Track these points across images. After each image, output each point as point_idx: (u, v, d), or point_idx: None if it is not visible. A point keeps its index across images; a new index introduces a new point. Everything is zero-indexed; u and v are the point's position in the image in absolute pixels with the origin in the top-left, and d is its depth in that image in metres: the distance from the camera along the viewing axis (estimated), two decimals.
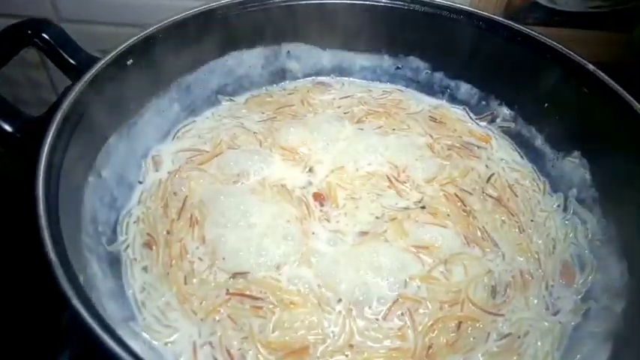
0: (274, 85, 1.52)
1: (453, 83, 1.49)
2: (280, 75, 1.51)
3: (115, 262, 1.03)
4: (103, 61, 1.10)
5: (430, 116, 1.45)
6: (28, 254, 0.74)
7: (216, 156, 1.27)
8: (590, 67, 1.17)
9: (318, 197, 1.20)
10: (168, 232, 1.10)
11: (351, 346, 0.96)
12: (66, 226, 0.86)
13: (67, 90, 1.02)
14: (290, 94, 1.50)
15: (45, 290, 0.70)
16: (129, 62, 1.14)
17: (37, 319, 0.93)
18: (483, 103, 1.46)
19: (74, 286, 0.70)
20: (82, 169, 1.01)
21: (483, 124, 1.46)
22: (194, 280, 1.03)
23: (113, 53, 1.12)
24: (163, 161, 1.26)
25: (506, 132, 1.42)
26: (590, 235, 1.16)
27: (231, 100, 1.45)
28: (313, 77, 1.55)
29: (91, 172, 1.04)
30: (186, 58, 1.30)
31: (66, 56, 1.13)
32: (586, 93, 1.19)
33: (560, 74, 1.25)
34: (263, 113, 1.41)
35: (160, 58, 1.21)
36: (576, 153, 1.25)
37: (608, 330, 0.96)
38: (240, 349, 0.94)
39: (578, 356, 0.96)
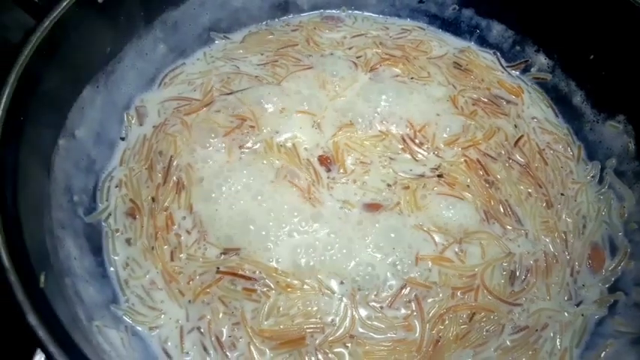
0: (276, 20, 1.32)
1: (484, 22, 1.29)
2: (283, 7, 1.31)
3: (94, 237, 0.93)
4: None
5: (455, 62, 1.26)
6: None
7: (206, 105, 1.12)
8: None
9: (324, 161, 1.07)
10: (153, 199, 0.99)
11: (352, 337, 0.88)
12: (29, 205, 0.75)
13: (28, 35, 0.86)
14: (294, 30, 1.31)
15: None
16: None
17: None
18: (518, 48, 1.27)
19: (30, 296, 0.60)
20: (49, 133, 0.88)
21: (515, 73, 1.27)
22: (181, 256, 0.94)
23: None
24: (148, 113, 1.11)
25: (541, 85, 1.24)
26: (626, 216, 1.03)
27: (226, 37, 1.27)
28: (321, 10, 1.35)
29: (62, 134, 0.91)
30: None
31: None
32: None
33: (615, 20, 1.05)
34: (262, 54, 1.24)
35: None
36: (621, 117, 1.08)
37: (637, 332, 0.87)
38: (230, 337, 0.87)
39: (601, 356, 0.88)
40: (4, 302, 0.60)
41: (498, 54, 1.29)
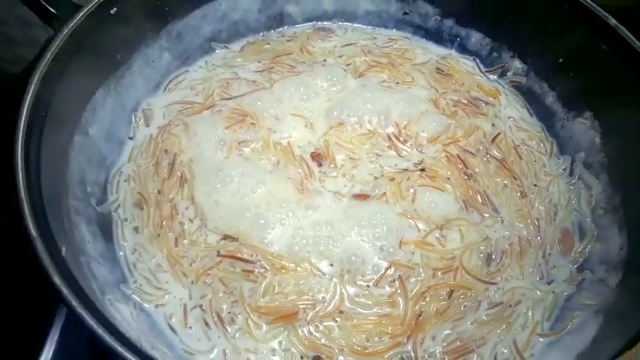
0: (272, 31, 1.43)
1: (463, 32, 1.40)
2: (278, 20, 1.42)
3: (105, 224, 1.02)
4: (85, 10, 1.02)
5: (437, 68, 1.36)
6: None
7: (208, 108, 1.22)
8: (612, 21, 1.07)
9: (316, 157, 1.16)
10: (159, 192, 1.08)
11: (341, 312, 0.96)
12: (50, 191, 0.84)
13: (47, 43, 0.96)
14: (289, 40, 1.42)
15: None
16: (113, 10, 1.06)
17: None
18: (495, 54, 1.37)
19: (54, 261, 0.69)
20: (66, 130, 0.97)
21: (493, 77, 1.38)
22: (185, 242, 1.02)
23: (96, 1, 1.04)
24: (154, 115, 1.21)
25: (517, 87, 1.34)
26: (593, 203, 1.12)
27: (225, 47, 1.37)
28: (314, 22, 1.46)
29: (77, 131, 1.01)
30: (175, 2, 1.22)
31: (44, 3, 1.04)
32: (605, 50, 1.10)
33: (579, 27, 1.15)
34: (259, 62, 1.34)
35: (146, 3, 1.14)
36: (588, 114, 1.18)
37: (600, 303, 0.95)
38: (230, 313, 0.95)
39: (568, 327, 0.96)
40: (30, 267, 0.69)
41: (477, 60, 1.39)
